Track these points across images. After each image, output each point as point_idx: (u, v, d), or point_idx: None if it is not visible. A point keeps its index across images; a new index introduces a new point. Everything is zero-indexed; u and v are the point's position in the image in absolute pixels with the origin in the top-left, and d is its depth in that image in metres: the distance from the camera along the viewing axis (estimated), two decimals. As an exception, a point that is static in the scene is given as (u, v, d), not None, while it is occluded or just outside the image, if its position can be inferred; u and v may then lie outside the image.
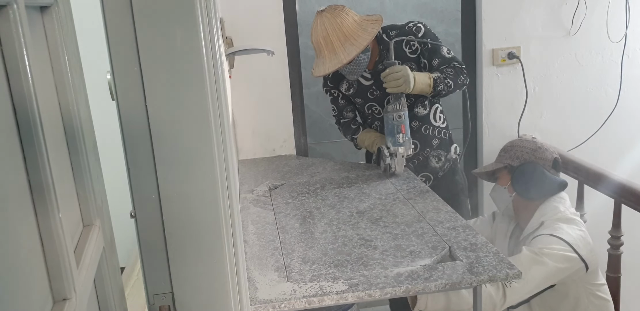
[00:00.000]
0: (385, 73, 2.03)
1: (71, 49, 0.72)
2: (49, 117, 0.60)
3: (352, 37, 2.03)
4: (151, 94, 0.76)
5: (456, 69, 2.13)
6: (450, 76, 2.10)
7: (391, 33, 2.17)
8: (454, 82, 2.10)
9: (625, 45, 2.77)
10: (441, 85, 2.08)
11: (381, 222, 1.73)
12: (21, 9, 0.49)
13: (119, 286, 0.84)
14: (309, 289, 1.34)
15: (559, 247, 1.69)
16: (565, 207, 1.87)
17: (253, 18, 2.47)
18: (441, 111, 2.32)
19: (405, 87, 2.01)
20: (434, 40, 2.17)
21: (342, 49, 2.04)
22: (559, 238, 1.71)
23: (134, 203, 0.81)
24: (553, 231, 1.75)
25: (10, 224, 0.46)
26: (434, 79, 2.07)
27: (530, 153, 1.95)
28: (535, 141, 2.03)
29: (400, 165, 2.13)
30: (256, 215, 1.86)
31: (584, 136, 2.82)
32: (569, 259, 1.69)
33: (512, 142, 2.07)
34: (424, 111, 2.28)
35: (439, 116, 2.31)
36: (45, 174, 0.52)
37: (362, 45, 2.01)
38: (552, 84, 2.79)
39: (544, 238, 1.74)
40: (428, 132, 2.28)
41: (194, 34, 0.75)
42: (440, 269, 1.41)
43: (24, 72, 0.49)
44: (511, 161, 1.99)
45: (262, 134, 2.62)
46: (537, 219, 1.87)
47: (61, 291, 0.54)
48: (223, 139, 0.85)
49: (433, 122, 2.29)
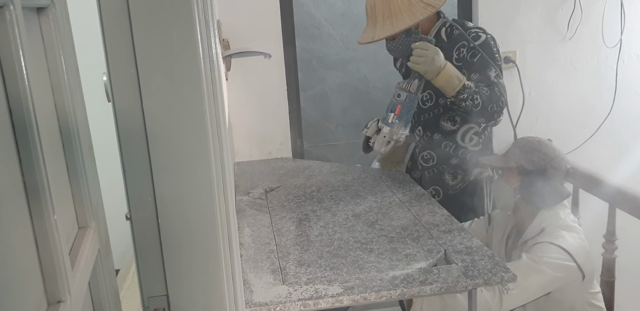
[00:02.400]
0: (415, 45, 1.86)
1: (67, 50, 0.72)
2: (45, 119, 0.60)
3: (395, 16, 1.92)
4: (147, 96, 0.76)
5: (493, 93, 1.88)
6: (483, 95, 1.87)
7: (455, 32, 2.02)
8: (483, 103, 1.87)
9: (620, 50, 2.79)
10: (468, 96, 1.85)
11: (377, 225, 1.73)
12: (17, 10, 0.49)
13: (114, 288, 0.84)
14: (304, 292, 1.33)
15: (558, 256, 1.68)
16: (565, 214, 1.85)
17: (250, 20, 2.47)
18: (477, 133, 2.11)
19: (423, 68, 1.83)
20: (490, 56, 1.95)
21: (382, 24, 1.95)
22: (560, 246, 1.70)
23: (129, 205, 0.81)
24: (554, 240, 1.73)
25: (5, 226, 0.45)
26: (465, 85, 1.86)
27: (548, 161, 1.87)
28: (554, 148, 1.91)
29: (379, 144, 1.97)
30: (252, 218, 1.85)
31: (579, 141, 2.83)
32: (567, 268, 1.68)
33: (530, 143, 1.92)
34: (452, 126, 2.10)
35: (471, 137, 2.11)
36: (40, 175, 0.51)
37: (399, 27, 1.90)
38: (547, 89, 2.80)
39: (544, 246, 1.72)
40: (449, 149, 2.12)
41: (191, 36, 0.75)
42: (436, 272, 1.41)
43: (20, 74, 0.49)
44: (525, 164, 1.88)
45: (259, 136, 2.62)
46: (537, 225, 1.84)
47: (56, 294, 0.54)
48: (219, 142, 0.85)
49: (460, 142, 2.12)
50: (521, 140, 1.97)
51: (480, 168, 2.16)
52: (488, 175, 2.17)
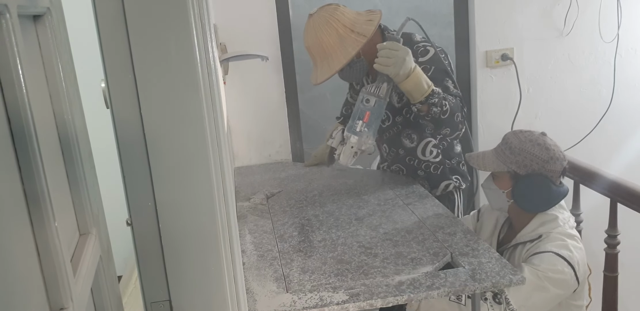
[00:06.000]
0: (383, 46, 1.74)
1: (65, 57, 0.72)
2: (44, 126, 0.60)
3: (330, 56, 1.84)
4: (145, 101, 0.76)
5: (457, 102, 1.83)
6: (450, 102, 1.80)
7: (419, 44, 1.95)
8: (451, 111, 1.80)
9: (617, 45, 2.79)
10: (438, 101, 1.76)
11: (381, 229, 1.71)
12: (14, 18, 0.49)
13: (116, 294, 0.84)
14: (309, 300, 1.31)
15: (562, 269, 1.60)
16: (564, 218, 1.75)
17: (246, 24, 2.47)
18: (435, 145, 2.08)
19: (393, 70, 1.70)
20: (442, 67, 1.88)
21: (320, 66, 1.87)
22: (564, 259, 1.61)
23: (130, 211, 0.81)
24: (560, 250, 1.63)
25: (6, 234, 0.45)
26: (434, 91, 1.76)
27: (541, 164, 1.72)
28: (548, 146, 1.75)
29: (346, 156, 1.81)
30: (253, 224, 1.84)
31: (578, 136, 2.83)
32: (569, 285, 1.61)
33: (522, 143, 1.76)
34: (410, 143, 2.09)
35: (431, 150, 2.09)
36: (40, 183, 0.51)
37: (334, 68, 1.82)
38: (545, 85, 2.80)
39: (550, 258, 1.62)
40: (413, 163, 2.13)
41: (188, 41, 0.75)
42: (443, 276, 1.38)
43: (17, 82, 0.49)
44: (517, 169, 1.75)
45: (258, 139, 2.62)
46: (534, 228, 1.75)
47: (58, 301, 0.54)
48: (219, 146, 0.85)
49: (420, 156, 2.10)
50: (512, 137, 1.80)
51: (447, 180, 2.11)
52: (455, 186, 2.12)
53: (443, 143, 2.10)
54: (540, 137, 1.77)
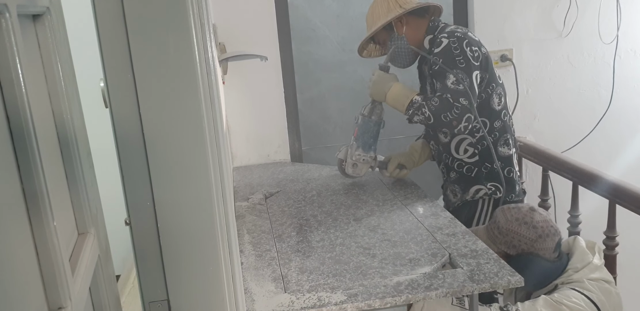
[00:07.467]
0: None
1: (64, 57, 0.72)
2: (43, 126, 0.60)
3: (375, 23, 2.02)
4: (144, 101, 0.76)
5: (444, 102, 1.81)
6: (431, 107, 1.83)
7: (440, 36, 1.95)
8: (433, 115, 1.82)
9: (617, 46, 2.79)
10: (414, 111, 1.86)
11: (379, 229, 1.71)
12: (13, 17, 0.49)
13: (114, 294, 0.84)
14: (307, 300, 1.31)
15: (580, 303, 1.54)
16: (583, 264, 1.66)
17: (246, 24, 2.47)
18: (471, 144, 2.00)
19: (369, 91, 2.01)
20: (450, 60, 1.85)
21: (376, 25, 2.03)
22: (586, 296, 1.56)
23: (128, 210, 0.81)
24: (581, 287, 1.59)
25: (5, 233, 0.45)
26: (412, 101, 1.87)
27: (530, 244, 1.65)
28: (537, 223, 1.66)
29: (349, 167, 2.10)
30: (252, 224, 1.84)
31: (577, 137, 2.83)
32: None
33: (509, 223, 1.68)
34: (444, 138, 2.06)
35: (465, 149, 2.01)
36: (39, 182, 0.52)
37: (372, 28, 2.01)
38: (545, 86, 2.81)
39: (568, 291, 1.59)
40: (448, 161, 2.08)
41: (187, 40, 0.75)
42: (441, 277, 1.39)
43: (16, 81, 0.49)
44: (506, 249, 1.68)
45: (257, 139, 2.62)
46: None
47: (56, 300, 0.54)
48: (217, 146, 0.85)
49: (454, 153, 2.04)
50: (500, 215, 1.73)
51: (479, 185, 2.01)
52: (486, 193, 2.02)
53: (483, 142, 1.98)
54: (527, 215, 1.69)
